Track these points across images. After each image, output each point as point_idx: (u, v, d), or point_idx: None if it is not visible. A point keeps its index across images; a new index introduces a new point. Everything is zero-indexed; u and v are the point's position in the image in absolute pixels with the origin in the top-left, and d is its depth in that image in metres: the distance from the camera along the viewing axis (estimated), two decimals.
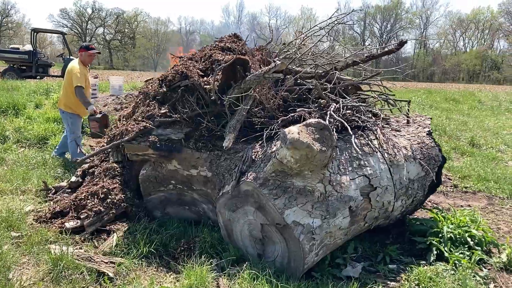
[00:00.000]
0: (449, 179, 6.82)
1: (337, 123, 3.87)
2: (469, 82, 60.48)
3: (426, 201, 5.09)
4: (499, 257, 4.04)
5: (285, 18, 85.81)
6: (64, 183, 5.20)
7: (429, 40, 70.53)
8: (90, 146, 7.31)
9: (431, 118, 5.18)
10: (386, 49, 4.76)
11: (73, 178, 5.08)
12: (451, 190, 6.43)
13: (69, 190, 4.98)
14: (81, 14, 71.24)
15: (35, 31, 20.13)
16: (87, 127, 7.58)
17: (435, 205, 5.57)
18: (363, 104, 4.40)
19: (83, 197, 4.34)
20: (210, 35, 78.72)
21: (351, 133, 3.69)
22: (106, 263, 3.48)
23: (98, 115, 5.93)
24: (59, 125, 8.17)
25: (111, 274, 3.33)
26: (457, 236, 4.11)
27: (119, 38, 76.48)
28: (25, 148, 7.27)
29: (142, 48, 76.27)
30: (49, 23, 71.03)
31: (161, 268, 3.59)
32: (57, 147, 6.75)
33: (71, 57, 18.39)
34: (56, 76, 19.49)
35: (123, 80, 12.80)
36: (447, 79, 64.53)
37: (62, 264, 3.31)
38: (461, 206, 5.66)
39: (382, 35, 75.96)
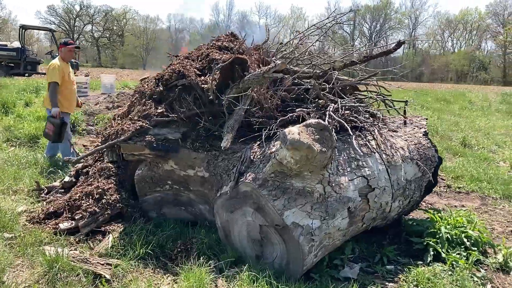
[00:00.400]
0: (442, 179, 6.85)
1: (335, 124, 3.85)
2: (457, 82, 60.99)
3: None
4: (495, 257, 4.06)
5: (275, 17, 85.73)
6: (57, 183, 5.12)
7: (418, 40, 71.03)
8: (83, 145, 7.23)
9: (426, 119, 5.20)
10: (379, 50, 4.76)
11: (67, 178, 5.01)
12: (445, 190, 6.46)
13: (62, 190, 4.90)
14: (69, 11, 70.42)
15: (24, 27, 19.88)
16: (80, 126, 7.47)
17: (429, 205, 5.60)
18: (362, 104, 4.39)
19: (77, 198, 4.27)
20: (199, 33, 78.48)
21: (352, 134, 3.68)
22: (103, 264, 3.42)
23: (58, 121, 5.86)
24: None
25: (108, 276, 3.27)
26: (454, 237, 4.11)
27: (108, 35, 75.86)
28: (16, 147, 7.15)
29: (131, 46, 75.68)
30: (36, 20, 69.97)
31: (158, 270, 3.54)
32: (46, 149, 6.62)
33: None
34: (45, 74, 19.23)
35: (114, 78, 12.68)
36: (435, 79, 65.01)
37: (57, 266, 3.25)
38: (455, 206, 5.70)
39: (371, 35, 76.30)
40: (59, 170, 5.82)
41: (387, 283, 3.57)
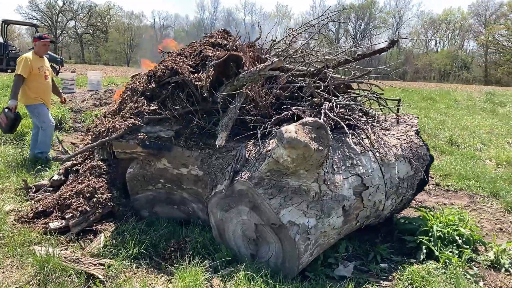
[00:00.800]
0: (431, 177, 6.90)
1: (330, 122, 3.84)
2: (440, 81, 61.75)
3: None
4: (486, 255, 4.10)
5: (261, 15, 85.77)
6: (45, 181, 5.02)
7: (407, 39, 71.77)
8: (72, 143, 7.10)
9: (417, 117, 5.23)
10: (368, 48, 4.77)
11: (56, 176, 4.90)
12: (434, 188, 6.51)
13: (51, 188, 4.80)
14: (52, 6, 69.27)
15: (6, 22, 19.51)
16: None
17: (419, 203, 5.64)
18: (356, 103, 4.39)
19: (67, 196, 4.18)
20: (184, 30, 78.08)
21: (348, 132, 3.68)
22: (95, 265, 3.35)
23: (12, 115, 5.85)
24: None
25: (101, 277, 3.21)
26: (446, 235, 4.14)
27: (91, 32, 74.96)
28: (1, 144, 6.99)
29: (115, 43, 74.86)
30: (17, 15, 68.69)
31: (152, 269, 3.48)
32: (30, 147, 6.48)
33: None
34: None
35: (101, 75, 12.50)
36: (419, 78, 65.69)
37: (49, 267, 3.18)
38: (444, 204, 5.74)
39: (356, 33, 76.74)
40: (47, 168, 5.71)
41: (381, 281, 3.58)
